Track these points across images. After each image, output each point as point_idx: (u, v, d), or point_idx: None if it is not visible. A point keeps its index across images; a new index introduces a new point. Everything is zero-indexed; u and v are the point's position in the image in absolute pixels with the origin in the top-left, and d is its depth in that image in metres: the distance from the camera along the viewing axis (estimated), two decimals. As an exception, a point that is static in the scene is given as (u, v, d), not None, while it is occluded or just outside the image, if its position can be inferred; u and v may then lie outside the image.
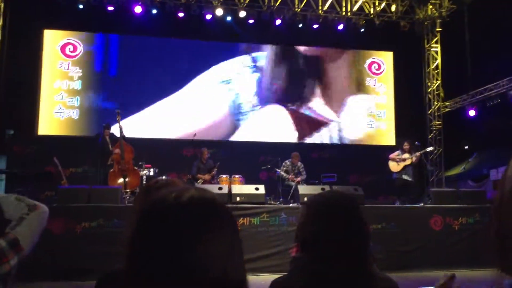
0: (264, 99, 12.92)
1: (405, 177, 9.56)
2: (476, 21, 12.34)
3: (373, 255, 1.51)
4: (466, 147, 15.26)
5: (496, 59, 11.94)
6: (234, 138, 12.65)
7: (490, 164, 13.72)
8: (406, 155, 9.60)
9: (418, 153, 9.53)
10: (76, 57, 12.04)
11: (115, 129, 9.57)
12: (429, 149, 9.72)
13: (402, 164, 9.59)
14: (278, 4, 12.39)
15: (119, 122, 8.90)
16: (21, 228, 1.57)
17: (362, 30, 12.89)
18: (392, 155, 9.85)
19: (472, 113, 12.83)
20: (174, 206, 0.85)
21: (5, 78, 11.24)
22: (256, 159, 11.47)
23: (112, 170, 8.87)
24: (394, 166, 9.72)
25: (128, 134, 9.31)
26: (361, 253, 1.46)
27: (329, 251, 1.42)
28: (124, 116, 9.15)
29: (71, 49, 12.03)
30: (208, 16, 12.05)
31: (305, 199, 7.57)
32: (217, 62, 12.76)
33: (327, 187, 7.95)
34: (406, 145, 9.78)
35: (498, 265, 0.84)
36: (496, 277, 0.84)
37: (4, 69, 11.25)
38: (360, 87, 13.58)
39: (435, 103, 13.90)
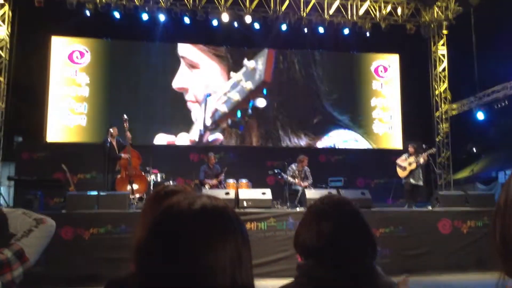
0: (271, 105, 12.93)
1: (412, 181, 9.50)
2: (482, 23, 12.28)
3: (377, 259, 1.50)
4: (474, 149, 15.17)
5: (503, 60, 11.88)
6: (241, 143, 12.66)
7: (498, 166, 13.62)
8: (411, 159, 9.54)
9: (425, 155, 9.45)
10: (84, 64, 12.11)
11: (122, 135, 9.55)
12: (430, 151, 9.63)
13: (408, 169, 9.53)
14: (284, 9, 12.41)
15: (127, 130, 8.85)
16: (28, 240, 1.61)
17: (368, 34, 12.86)
18: (398, 160, 9.78)
19: (480, 115, 12.74)
20: (187, 213, 0.86)
21: (14, 85, 11.33)
22: (263, 163, 11.46)
23: (119, 176, 8.85)
24: (400, 172, 9.67)
25: (135, 139, 9.29)
26: (366, 258, 1.46)
27: (333, 257, 1.42)
28: (132, 122, 9.13)
29: (78, 56, 12.10)
30: (215, 22, 12.10)
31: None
32: (224, 67, 12.80)
33: (334, 191, 7.90)
34: (410, 148, 9.71)
35: (502, 268, 0.84)
36: (499, 280, 0.84)
37: (13, 76, 11.34)
38: (366, 91, 13.54)
39: (442, 105, 13.84)
